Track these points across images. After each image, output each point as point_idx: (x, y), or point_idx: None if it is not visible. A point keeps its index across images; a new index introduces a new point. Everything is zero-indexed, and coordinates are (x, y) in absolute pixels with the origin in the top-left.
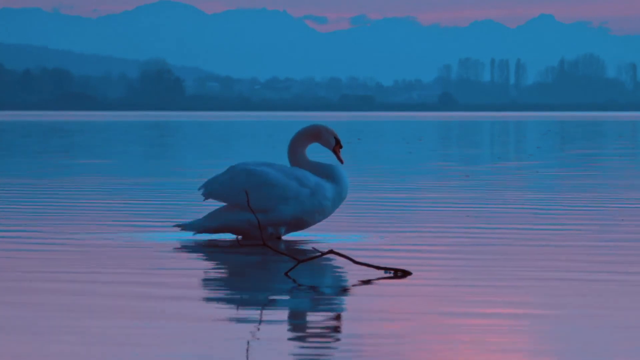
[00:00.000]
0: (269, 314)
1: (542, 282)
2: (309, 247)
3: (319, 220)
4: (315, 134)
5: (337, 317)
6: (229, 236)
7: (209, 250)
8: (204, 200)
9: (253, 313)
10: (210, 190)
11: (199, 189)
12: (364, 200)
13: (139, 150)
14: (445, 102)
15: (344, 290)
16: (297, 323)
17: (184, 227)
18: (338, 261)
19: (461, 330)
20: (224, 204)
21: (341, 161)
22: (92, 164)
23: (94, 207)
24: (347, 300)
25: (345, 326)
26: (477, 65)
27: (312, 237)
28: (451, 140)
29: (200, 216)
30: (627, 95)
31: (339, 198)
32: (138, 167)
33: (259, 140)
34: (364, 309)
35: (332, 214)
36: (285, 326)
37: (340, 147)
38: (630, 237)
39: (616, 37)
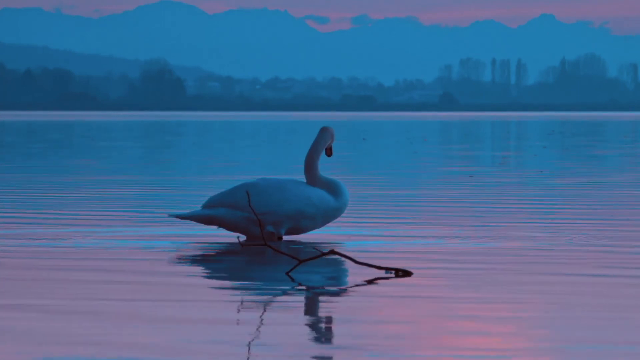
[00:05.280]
0: (270, 314)
1: (545, 283)
2: (310, 247)
3: (311, 226)
4: (329, 134)
5: (338, 317)
6: (230, 237)
7: (210, 250)
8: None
9: (254, 313)
10: (209, 198)
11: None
12: (367, 200)
13: (139, 150)
14: (446, 102)
15: (345, 290)
16: (298, 323)
17: (180, 216)
18: (339, 261)
19: (462, 330)
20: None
21: (332, 154)
22: (92, 163)
23: (92, 206)
24: (348, 301)
25: (346, 326)
26: (478, 65)
27: (313, 237)
28: (455, 140)
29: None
30: (628, 95)
31: (334, 211)
32: (137, 166)
33: (260, 140)
34: (365, 309)
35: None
36: (286, 326)
37: None
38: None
39: (617, 37)
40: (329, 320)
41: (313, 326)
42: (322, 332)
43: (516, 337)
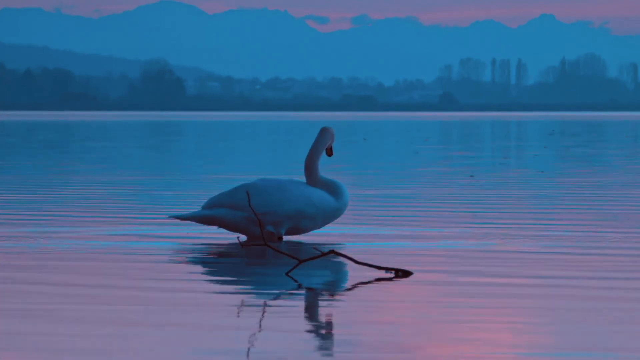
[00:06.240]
0: (270, 315)
1: (545, 284)
2: (310, 247)
3: (311, 227)
4: (329, 135)
5: (338, 318)
6: (230, 237)
7: (210, 250)
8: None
9: (254, 313)
10: (210, 199)
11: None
12: (367, 200)
13: (138, 150)
14: (446, 102)
15: (345, 291)
16: (298, 323)
17: (180, 217)
18: (339, 261)
19: (462, 330)
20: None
21: (332, 154)
22: (92, 163)
23: (92, 206)
24: (348, 301)
25: (346, 326)
26: (478, 65)
27: (313, 237)
28: (455, 141)
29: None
30: (628, 95)
31: (334, 211)
32: (136, 166)
33: (260, 140)
34: (365, 309)
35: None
36: (286, 326)
37: None
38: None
39: (617, 37)
40: (328, 320)
41: (313, 326)
42: (322, 332)
43: (516, 338)
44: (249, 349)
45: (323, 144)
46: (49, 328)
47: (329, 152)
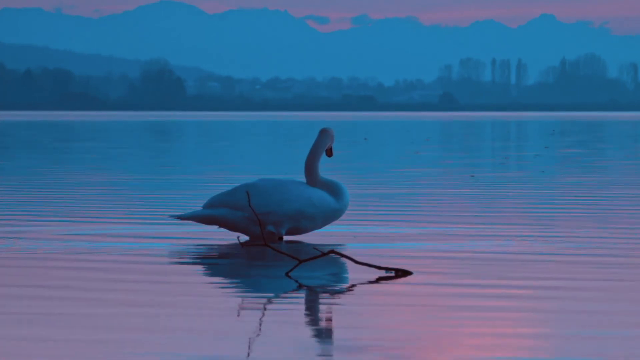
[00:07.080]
0: (270, 314)
1: (545, 283)
2: (309, 247)
3: (311, 227)
4: (329, 136)
5: (338, 318)
6: (230, 237)
7: (210, 250)
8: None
9: (254, 313)
10: (210, 198)
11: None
12: (368, 200)
13: (138, 150)
14: (446, 102)
15: (345, 291)
16: (298, 323)
17: (180, 217)
18: (339, 261)
19: (461, 330)
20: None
21: (332, 154)
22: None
23: (92, 206)
24: (348, 301)
25: (346, 326)
26: (478, 65)
27: (313, 237)
28: (456, 140)
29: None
30: (628, 95)
31: (334, 212)
32: (137, 166)
33: (260, 140)
34: (365, 309)
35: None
36: (286, 326)
37: None
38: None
39: (617, 37)
40: (329, 320)
41: (313, 326)
42: (322, 332)
43: (516, 337)
44: (249, 349)
45: (323, 145)
46: (44, 332)
47: (329, 153)
